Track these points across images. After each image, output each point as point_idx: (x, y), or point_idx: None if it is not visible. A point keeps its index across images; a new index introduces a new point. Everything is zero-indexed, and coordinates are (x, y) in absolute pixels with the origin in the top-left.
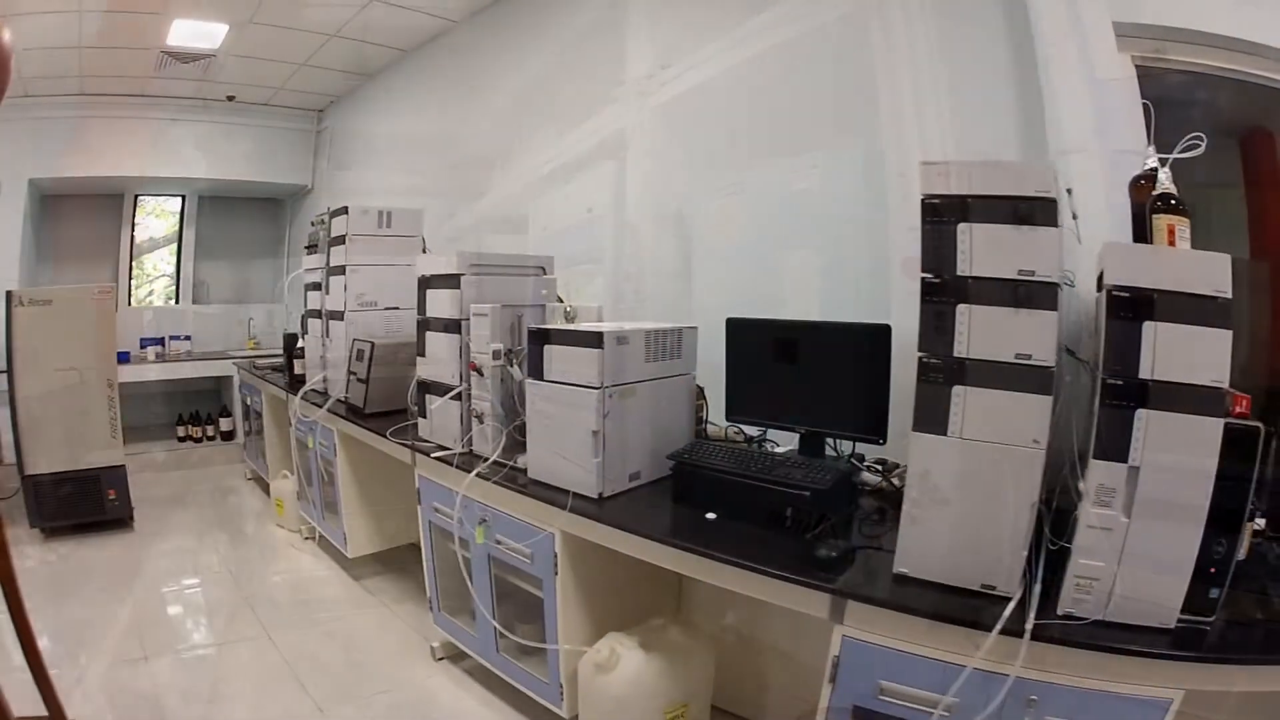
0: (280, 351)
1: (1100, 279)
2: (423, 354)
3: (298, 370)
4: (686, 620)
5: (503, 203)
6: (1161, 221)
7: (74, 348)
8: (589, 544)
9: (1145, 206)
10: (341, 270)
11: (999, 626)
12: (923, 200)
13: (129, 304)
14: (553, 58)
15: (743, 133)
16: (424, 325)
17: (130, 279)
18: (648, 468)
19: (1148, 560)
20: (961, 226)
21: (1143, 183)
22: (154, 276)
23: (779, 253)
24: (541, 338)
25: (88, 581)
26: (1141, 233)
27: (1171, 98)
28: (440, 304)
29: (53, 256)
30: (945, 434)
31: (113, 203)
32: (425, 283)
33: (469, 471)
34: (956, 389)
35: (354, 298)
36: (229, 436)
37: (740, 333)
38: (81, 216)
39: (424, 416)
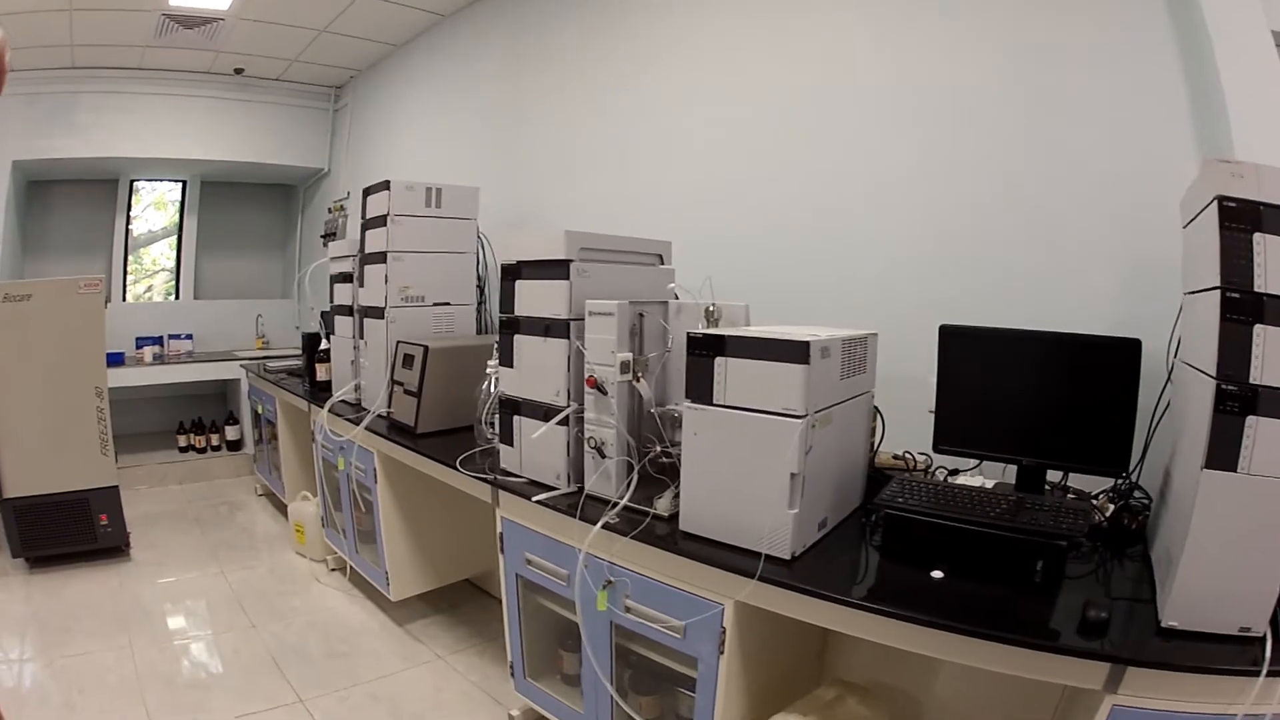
0: (295, 352)
1: None
2: (508, 363)
3: (321, 376)
4: (854, 686)
5: (581, 183)
6: None
7: (57, 349)
8: (763, 613)
9: None
10: (381, 258)
11: (1265, 669)
12: (1219, 203)
13: (124, 299)
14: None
15: (933, 105)
16: (511, 326)
17: (126, 273)
18: (831, 511)
19: None
20: (1256, 237)
21: None
22: (152, 271)
23: (955, 247)
24: (710, 347)
25: (77, 626)
26: None
27: None
28: (538, 299)
29: (40, 248)
30: (1235, 470)
31: (107, 189)
32: (513, 271)
33: (582, 517)
34: (1249, 419)
35: (396, 291)
36: (236, 446)
37: (958, 344)
38: (72, 204)
39: (508, 443)
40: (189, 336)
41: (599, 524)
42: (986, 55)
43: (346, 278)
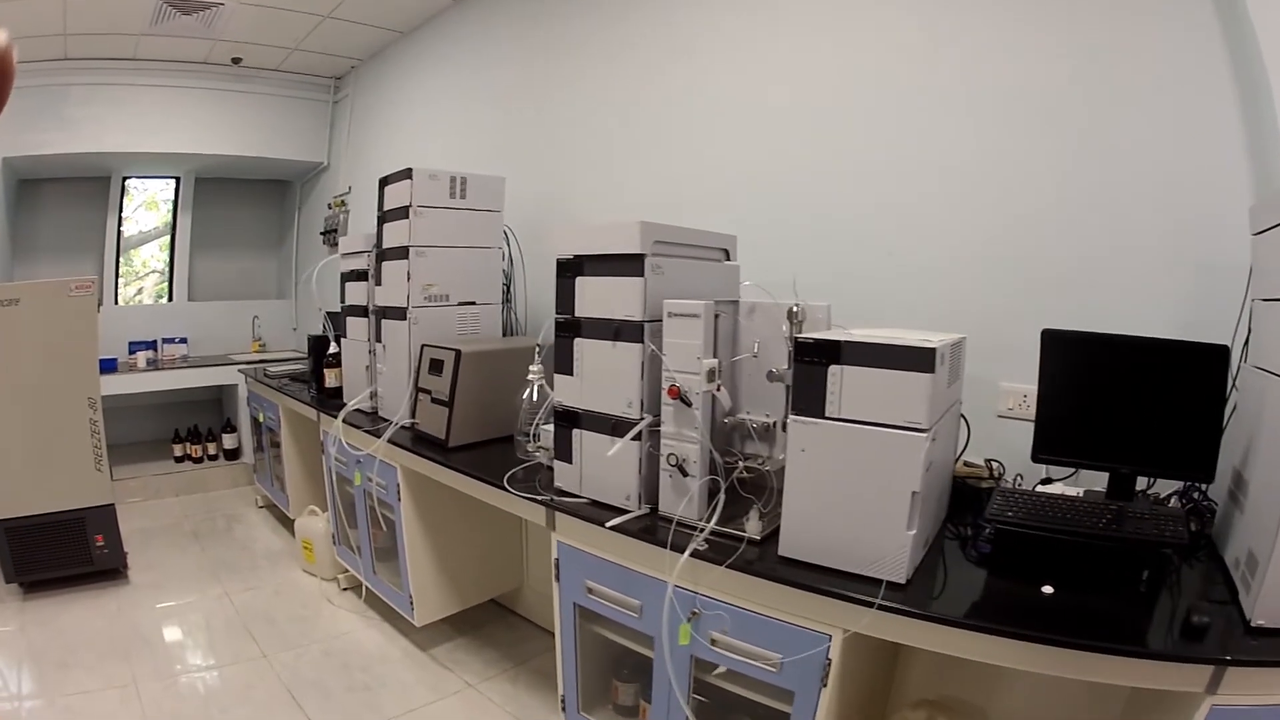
0: (294, 355)
1: None
2: (566, 370)
3: (330, 382)
4: (938, 704)
5: (612, 174)
6: None
7: (47, 357)
8: (867, 640)
9: None
10: (402, 253)
11: None
12: None
13: (115, 302)
14: None
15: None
16: (571, 329)
17: (118, 274)
18: (930, 528)
19: None
20: None
21: None
22: (143, 273)
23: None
24: (823, 353)
25: (75, 659)
26: None
27: None
28: (605, 298)
29: (29, 250)
30: None
31: (98, 188)
32: (574, 267)
33: (660, 542)
34: None
35: (419, 290)
36: (234, 455)
37: (1061, 350)
38: (63, 204)
39: (565, 459)
40: (183, 340)
41: (687, 552)
42: (1048, 53)
43: (360, 275)
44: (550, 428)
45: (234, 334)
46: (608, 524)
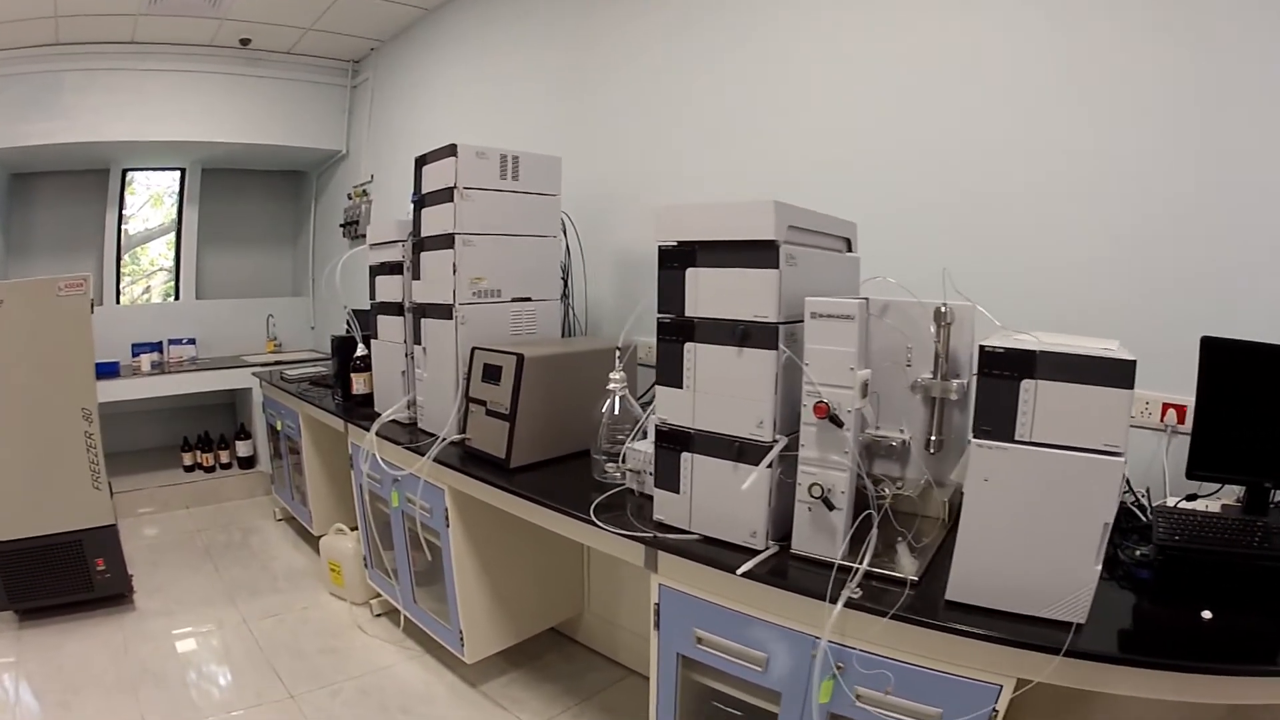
0: (312, 355)
1: None
2: (673, 381)
3: (358, 388)
4: None
5: (683, 156)
6: None
7: (36, 364)
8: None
9: None
10: (446, 242)
11: None
12: None
13: (117, 301)
14: None
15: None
16: (679, 331)
17: (119, 273)
18: None
19: None
20: None
21: None
22: (150, 271)
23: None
24: (1015, 365)
25: (77, 697)
26: None
27: None
28: (728, 294)
29: (24, 248)
30: None
31: (96, 181)
32: (683, 256)
33: (805, 590)
34: None
35: (467, 284)
36: (249, 464)
37: (1223, 359)
38: (59, 199)
39: (670, 488)
40: (191, 341)
41: (841, 601)
42: (1203, 42)
43: (394, 268)
44: (640, 447)
45: (247, 333)
46: (739, 570)
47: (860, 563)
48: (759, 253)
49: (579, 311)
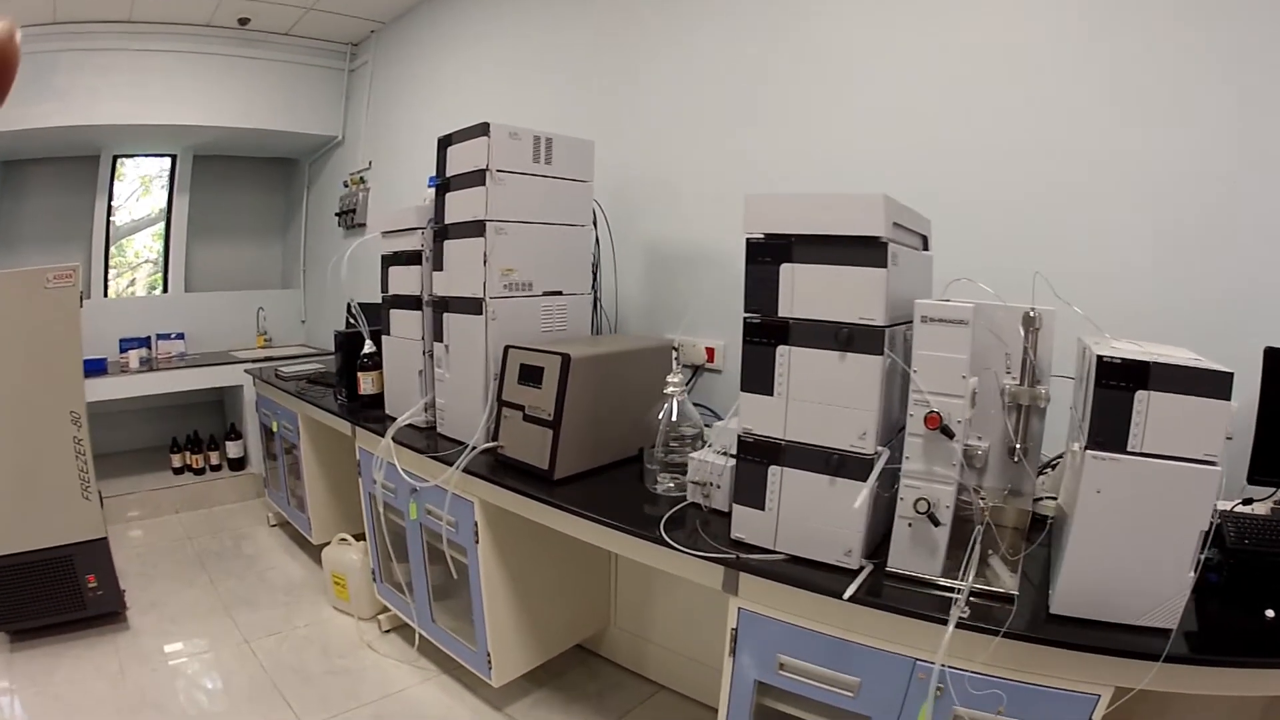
0: (305, 350)
1: None
2: (761, 388)
3: (365, 389)
4: None
5: (723, 144)
6: None
7: (21, 363)
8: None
9: None
10: (476, 229)
11: None
12: None
13: (105, 294)
14: None
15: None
16: (770, 333)
17: (108, 264)
18: None
19: None
20: None
21: None
22: (135, 264)
23: None
24: (1130, 377)
25: None
26: None
27: None
28: (827, 294)
29: (12, 239)
30: None
31: (87, 168)
32: (776, 250)
33: (909, 611)
34: None
35: (497, 276)
36: (239, 465)
37: None
38: (49, 187)
39: (754, 504)
40: (180, 336)
41: (952, 623)
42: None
43: (411, 258)
44: (706, 457)
45: (236, 327)
46: (845, 595)
47: (964, 579)
48: (865, 250)
49: (608, 307)
